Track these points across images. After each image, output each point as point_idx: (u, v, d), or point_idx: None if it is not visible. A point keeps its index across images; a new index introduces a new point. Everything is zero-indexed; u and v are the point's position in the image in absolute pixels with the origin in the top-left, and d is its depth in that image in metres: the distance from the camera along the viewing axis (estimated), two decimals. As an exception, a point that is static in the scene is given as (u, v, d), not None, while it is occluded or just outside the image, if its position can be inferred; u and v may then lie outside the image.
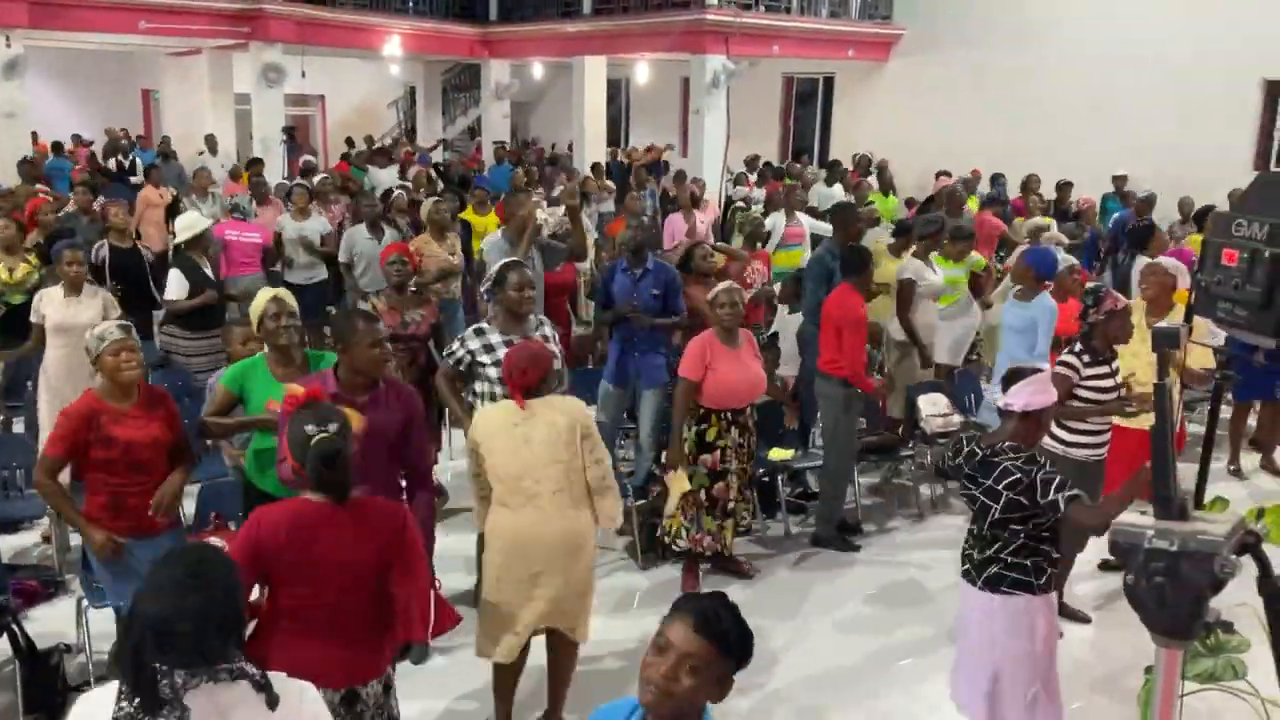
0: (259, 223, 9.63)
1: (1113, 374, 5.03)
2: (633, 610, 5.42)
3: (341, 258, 8.73)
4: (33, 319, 6.16)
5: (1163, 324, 2.40)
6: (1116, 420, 5.22)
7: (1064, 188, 13.15)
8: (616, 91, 21.56)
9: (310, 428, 3.01)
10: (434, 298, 6.16)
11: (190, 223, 7.24)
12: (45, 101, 18.79)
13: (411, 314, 5.96)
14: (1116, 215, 11.97)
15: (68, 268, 6.11)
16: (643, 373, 6.41)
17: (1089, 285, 5.97)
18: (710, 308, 5.49)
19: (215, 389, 4.56)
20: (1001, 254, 10.07)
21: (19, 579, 5.24)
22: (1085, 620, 5.36)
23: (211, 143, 16.64)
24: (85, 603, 4.51)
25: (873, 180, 13.66)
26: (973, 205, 12.56)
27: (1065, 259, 7.56)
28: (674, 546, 5.55)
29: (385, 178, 14.25)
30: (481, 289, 5.40)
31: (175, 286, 6.93)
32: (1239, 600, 2.32)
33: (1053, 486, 3.52)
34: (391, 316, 5.78)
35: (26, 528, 6.14)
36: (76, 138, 18.59)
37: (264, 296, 4.57)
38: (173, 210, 11.57)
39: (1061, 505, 3.50)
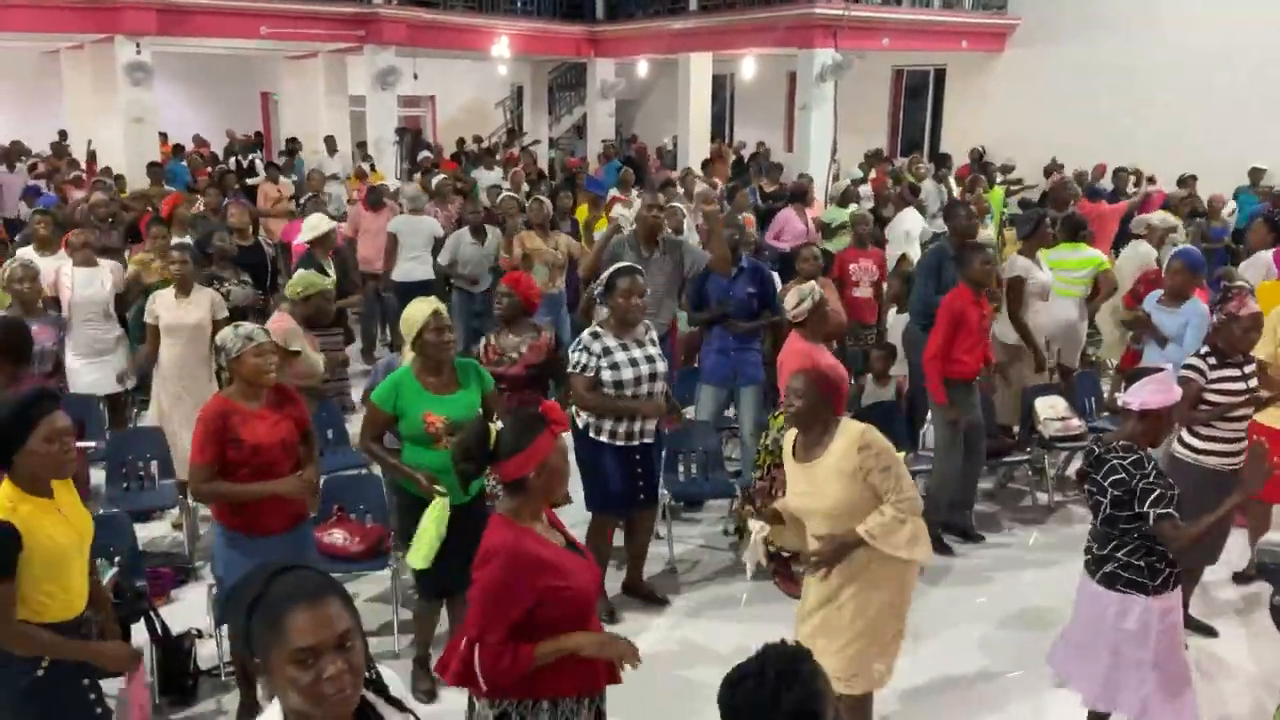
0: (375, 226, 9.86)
1: (1244, 377, 4.82)
2: (740, 608, 5.41)
3: (442, 260, 8.90)
4: (146, 320, 6.21)
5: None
6: (1257, 418, 5.03)
7: (1187, 181, 12.64)
8: (720, 88, 21.46)
9: None
10: (546, 332, 5.39)
11: (315, 223, 7.41)
12: (170, 105, 19.53)
13: (510, 352, 5.26)
14: (1252, 210, 11.47)
15: (172, 267, 6.19)
16: (740, 371, 6.40)
17: (1225, 282, 5.74)
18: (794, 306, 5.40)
19: (368, 407, 4.49)
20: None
21: (153, 566, 5.44)
22: (1212, 634, 5.15)
23: (331, 144, 17.11)
24: (215, 590, 4.57)
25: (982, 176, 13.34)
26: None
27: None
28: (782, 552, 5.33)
29: (489, 178, 14.44)
30: (595, 291, 5.38)
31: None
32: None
33: (1150, 499, 3.55)
34: (491, 353, 5.29)
35: (158, 517, 6.40)
36: (197, 138, 19.34)
37: (426, 309, 4.33)
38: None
39: (1151, 519, 3.54)
